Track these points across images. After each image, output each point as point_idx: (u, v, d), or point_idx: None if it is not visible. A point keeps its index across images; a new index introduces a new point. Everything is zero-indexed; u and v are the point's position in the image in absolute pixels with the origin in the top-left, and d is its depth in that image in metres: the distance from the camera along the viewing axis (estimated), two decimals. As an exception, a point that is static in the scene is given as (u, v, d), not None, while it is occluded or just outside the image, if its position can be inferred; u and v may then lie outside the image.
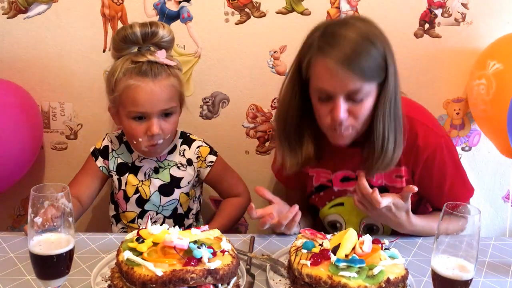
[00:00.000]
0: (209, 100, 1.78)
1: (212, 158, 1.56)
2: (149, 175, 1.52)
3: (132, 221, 1.55)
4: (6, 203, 1.84)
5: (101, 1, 1.66)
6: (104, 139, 1.56)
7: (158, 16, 1.68)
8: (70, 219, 0.96)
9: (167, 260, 1.00)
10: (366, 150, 1.34)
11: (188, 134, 1.59)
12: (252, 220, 1.64)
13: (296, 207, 1.36)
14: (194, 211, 1.62)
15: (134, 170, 1.52)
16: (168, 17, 1.69)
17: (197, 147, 1.55)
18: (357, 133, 1.32)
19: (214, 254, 1.04)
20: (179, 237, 1.03)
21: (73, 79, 1.73)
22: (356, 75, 1.21)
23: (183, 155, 1.54)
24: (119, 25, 1.68)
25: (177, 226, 1.12)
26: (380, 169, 1.34)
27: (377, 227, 1.48)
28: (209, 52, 1.73)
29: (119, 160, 1.53)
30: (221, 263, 1.01)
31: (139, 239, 1.06)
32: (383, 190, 1.41)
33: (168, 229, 1.10)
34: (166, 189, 1.52)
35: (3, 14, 1.66)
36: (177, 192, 1.53)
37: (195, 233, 1.08)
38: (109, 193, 1.64)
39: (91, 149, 1.56)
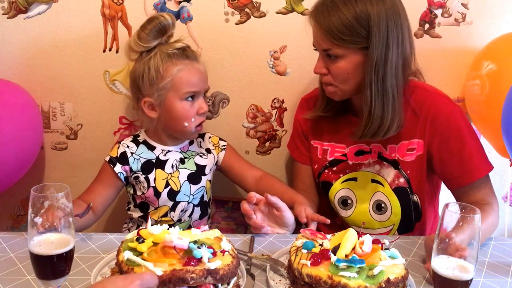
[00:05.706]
0: (209, 100, 1.77)
1: (224, 142, 1.68)
2: (176, 167, 1.56)
3: (165, 215, 1.57)
4: (6, 203, 1.84)
5: (101, 1, 1.66)
6: (118, 147, 1.55)
7: (158, 16, 1.68)
8: (70, 219, 0.95)
9: (167, 260, 1.00)
10: (360, 116, 1.41)
11: None
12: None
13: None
14: (211, 200, 1.68)
15: (160, 164, 1.55)
16: (168, 17, 1.69)
17: (209, 138, 1.67)
18: (344, 93, 1.39)
19: (214, 254, 1.04)
20: (179, 237, 1.03)
21: (73, 79, 1.73)
22: (324, 36, 1.32)
23: (201, 146, 1.63)
24: (119, 25, 1.68)
25: (177, 227, 1.12)
26: (367, 136, 1.38)
27: (385, 205, 1.50)
28: (209, 52, 1.73)
29: (142, 160, 1.55)
30: (221, 263, 1.01)
31: (139, 239, 1.06)
32: (395, 164, 1.47)
33: (168, 229, 1.10)
34: (194, 178, 1.58)
35: (3, 14, 1.66)
36: (204, 179, 1.59)
37: (195, 233, 1.09)
38: (125, 200, 1.63)
39: (106, 159, 1.54)
